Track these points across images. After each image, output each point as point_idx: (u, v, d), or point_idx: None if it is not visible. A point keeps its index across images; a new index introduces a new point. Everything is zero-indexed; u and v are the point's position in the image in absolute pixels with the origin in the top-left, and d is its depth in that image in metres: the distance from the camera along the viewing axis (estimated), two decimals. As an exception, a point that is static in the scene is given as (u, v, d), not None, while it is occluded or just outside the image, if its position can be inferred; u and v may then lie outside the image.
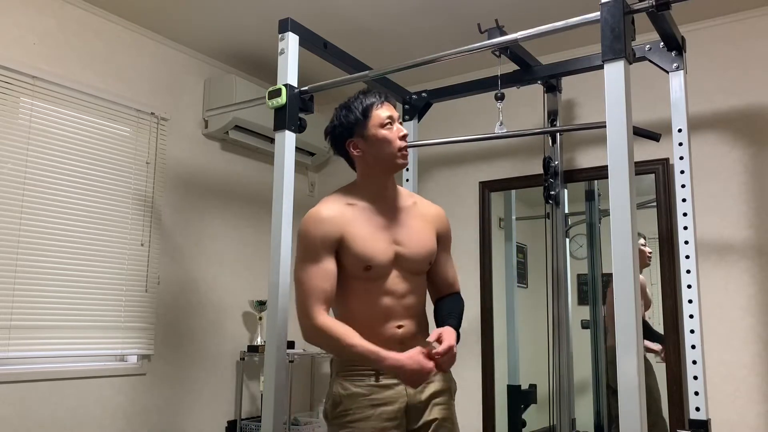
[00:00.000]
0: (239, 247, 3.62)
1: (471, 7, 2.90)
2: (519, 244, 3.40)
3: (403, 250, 1.81)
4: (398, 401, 1.75)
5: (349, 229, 1.76)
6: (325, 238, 1.74)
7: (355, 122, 1.82)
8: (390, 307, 1.79)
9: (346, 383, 1.77)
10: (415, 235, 1.85)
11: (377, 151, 1.81)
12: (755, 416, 2.65)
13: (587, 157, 3.17)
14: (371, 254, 1.76)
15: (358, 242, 1.75)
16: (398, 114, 1.86)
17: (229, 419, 3.43)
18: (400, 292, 1.80)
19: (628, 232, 1.55)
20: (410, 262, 1.83)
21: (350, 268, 1.77)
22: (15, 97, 2.66)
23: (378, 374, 1.75)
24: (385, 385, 1.75)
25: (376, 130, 1.80)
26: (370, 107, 1.82)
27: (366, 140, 1.82)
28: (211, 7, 2.97)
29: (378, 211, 1.83)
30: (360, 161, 1.86)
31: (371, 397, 1.74)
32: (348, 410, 1.74)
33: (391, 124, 1.82)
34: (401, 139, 1.81)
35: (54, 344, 2.72)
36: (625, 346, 1.51)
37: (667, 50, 2.32)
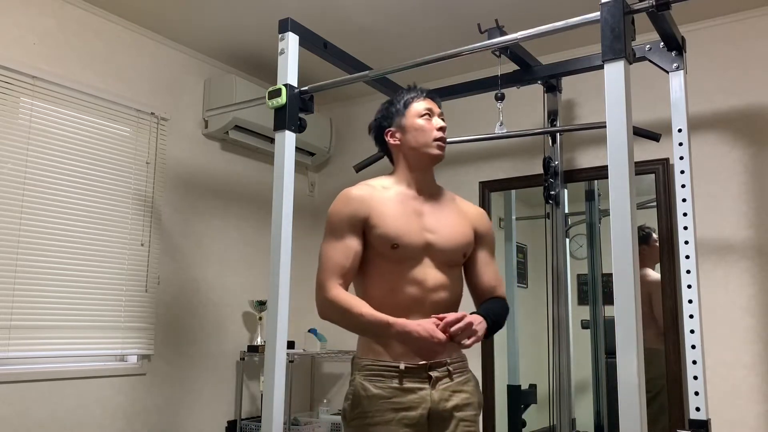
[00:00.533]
0: (239, 247, 3.62)
1: (471, 7, 2.90)
2: (519, 244, 3.40)
3: (435, 238, 1.78)
4: (421, 407, 1.68)
5: (378, 208, 1.76)
6: (351, 217, 1.74)
7: (395, 113, 1.88)
8: (415, 297, 1.73)
9: (368, 384, 1.71)
10: (449, 225, 1.83)
11: (412, 140, 1.83)
12: (755, 416, 2.65)
13: (587, 157, 3.17)
14: (399, 233, 1.74)
15: (387, 220, 1.74)
16: (440, 111, 1.89)
17: (229, 419, 3.43)
18: (429, 284, 1.75)
19: (628, 232, 1.55)
20: (442, 251, 1.79)
21: (377, 246, 1.74)
22: (15, 97, 2.66)
23: (401, 376, 1.69)
24: (408, 389, 1.69)
25: (413, 119, 1.84)
26: (411, 99, 1.88)
27: (403, 129, 1.85)
28: (211, 7, 2.97)
29: (412, 198, 1.83)
30: (397, 150, 1.88)
31: (393, 400, 1.68)
32: (367, 412, 1.69)
33: (429, 116, 1.85)
34: (438, 130, 1.83)
35: (54, 344, 2.72)
36: (625, 346, 1.51)
37: (667, 50, 2.32)
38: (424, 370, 1.71)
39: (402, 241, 1.73)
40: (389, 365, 1.70)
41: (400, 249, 1.73)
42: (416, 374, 1.70)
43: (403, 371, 1.69)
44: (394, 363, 1.70)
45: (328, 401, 3.78)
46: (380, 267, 1.76)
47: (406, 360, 1.70)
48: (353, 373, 1.78)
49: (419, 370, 1.70)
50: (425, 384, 1.70)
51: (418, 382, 1.70)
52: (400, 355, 1.70)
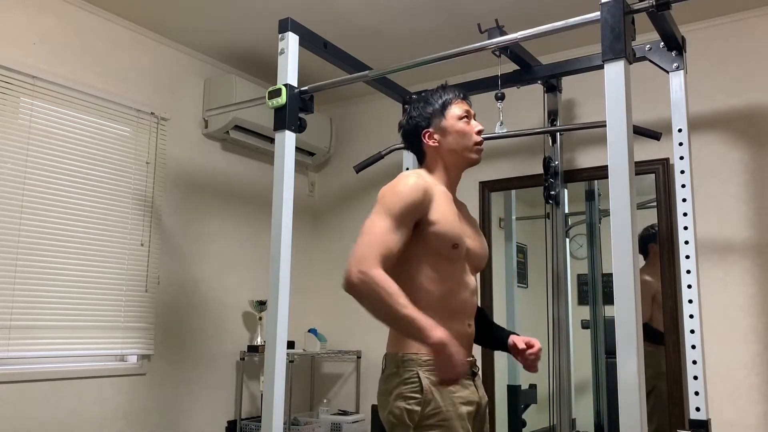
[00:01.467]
0: (239, 247, 3.62)
1: (471, 7, 2.90)
2: (519, 244, 3.40)
3: (473, 245, 1.79)
4: (474, 402, 1.69)
5: (438, 204, 1.71)
6: (416, 206, 1.67)
7: (432, 114, 1.83)
8: (466, 301, 1.74)
9: (434, 378, 1.62)
10: (478, 234, 1.86)
11: (453, 143, 1.81)
12: (755, 416, 2.65)
13: (587, 157, 3.17)
14: (460, 232, 1.73)
15: (448, 219, 1.71)
16: (474, 112, 1.88)
17: (229, 419, 3.43)
18: (471, 288, 1.77)
19: (628, 232, 1.55)
20: (477, 257, 1.81)
21: (437, 244, 1.69)
22: (15, 97, 2.66)
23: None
24: (465, 384, 1.68)
25: (454, 122, 1.81)
26: (450, 101, 1.84)
27: (442, 132, 1.82)
28: (211, 7, 2.97)
29: (452, 201, 1.81)
30: (434, 152, 1.84)
31: (458, 394, 1.65)
32: (440, 408, 1.61)
33: (468, 118, 1.83)
34: (477, 134, 1.83)
35: (54, 344, 2.72)
36: (625, 346, 1.51)
37: (667, 50, 2.32)
38: (470, 367, 1.74)
39: (461, 241, 1.72)
40: None
41: (459, 250, 1.71)
42: (468, 371, 1.70)
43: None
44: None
45: (328, 401, 3.78)
46: (435, 266, 1.71)
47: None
48: (407, 371, 1.66)
49: (469, 367, 1.73)
50: (471, 380, 1.73)
51: (469, 378, 1.72)
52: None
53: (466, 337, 1.75)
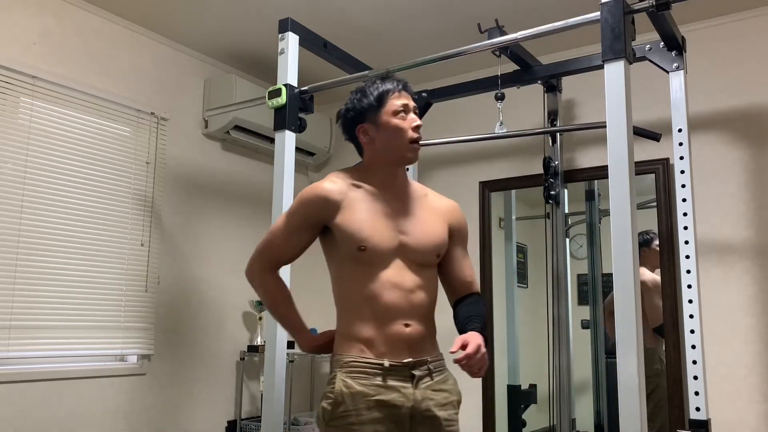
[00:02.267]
0: (239, 247, 3.62)
1: (471, 7, 2.90)
2: (519, 244, 3.40)
3: (409, 240, 1.72)
4: (404, 405, 1.63)
5: (347, 207, 1.69)
6: (314, 215, 1.70)
7: (368, 107, 1.75)
8: (396, 302, 1.67)
9: (350, 380, 1.63)
10: (422, 224, 1.76)
11: (387, 140, 1.74)
12: (755, 416, 2.65)
13: (587, 157, 3.17)
14: (366, 234, 1.67)
15: (354, 221, 1.68)
16: (415, 105, 1.79)
17: (229, 419, 3.43)
18: (407, 286, 1.69)
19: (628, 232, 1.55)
20: (416, 252, 1.72)
21: (344, 247, 1.68)
22: (15, 97, 2.66)
23: (385, 374, 1.64)
24: (392, 387, 1.63)
25: (389, 117, 1.73)
26: (386, 94, 1.74)
27: (377, 127, 1.74)
28: (211, 7, 2.97)
29: (384, 198, 1.74)
30: (369, 148, 1.78)
31: (377, 398, 1.62)
32: (350, 411, 1.61)
33: (405, 113, 1.74)
34: (414, 130, 1.74)
35: (54, 344, 2.72)
36: (625, 346, 1.51)
37: (667, 50, 2.32)
38: (407, 369, 1.67)
39: (369, 244, 1.66)
40: (373, 362, 1.65)
41: (367, 251, 1.67)
42: (400, 372, 1.65)
43: (387, 369, 1.64)
44: (378, 360, 1.65)
45: (328, 401, 3.77)
46: (353, 272, 1.70)
47: (390, 358, 1.65)
48: (333, 371, 1.70)
49: (403, 368, 1.66)
50: (408, 383, 1.66)
51: (402, 381, 1.65)
52: (384, 353, 1.65)
53: (404, 338, 1.67)
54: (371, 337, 1.66)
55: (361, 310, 1.67)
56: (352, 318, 1.69)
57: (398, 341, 1.66)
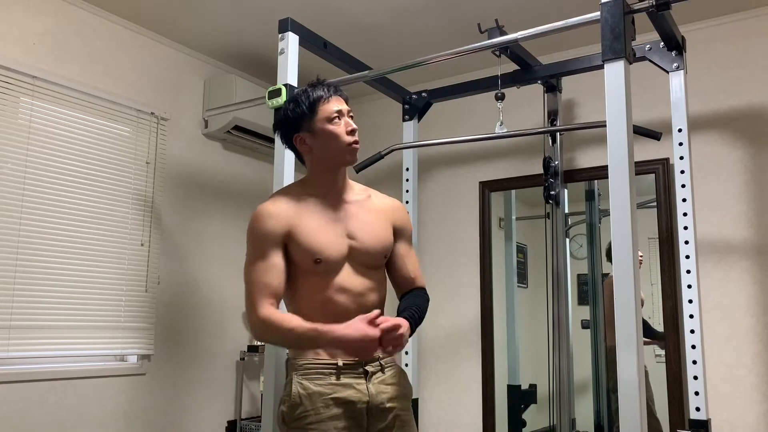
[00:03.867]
0: (239, 247, 3.61)
1: (471, 7, 2.90)
2: (519, 244, 3.40)
3: (356, 243, 1.77)
4: (360, 401, 1.70)
5: (297, 222, 1.72)
6: (271, 234, 1.71)
7: (301, 116, 1.77)
8: (346, 305, 1.73)
9: (306, 382, 1.69)
10: (368, 227, 1.80)
11: (324, 147, 1.77)
12: (755, 416, 2.65)
13: (587, 157, 3.17)
14: (320, 247, 1.71)
15: (307, 235, 1.71)
16: (348, 108, 1.81)
17: (229, 419, 3.43)
18: (356, 290, 1.75)
19: (628, 232, 1.55)
20: (364, 255, 1.78)
21: (300, 262, 1.72)
22: (15, 97, 2.66)
23: (339, 372, 1.69)
24: (346, 384, 1.69)
25: (323, 124, 1.76)
26: (317, 101, 1.77)
27: (313, 135, 1.77)
28: (211, 7, 2.97)
29: (329, 205, 1.79)
30: (308, 156, 1.82)
31: (333, 396, 1.67)
32: (309, 411, 1.66)
33: (339, 118, 1.76)
34: (349, 134, 1.76)
35: (54, 344, 2.72)
36: (625, 346, 1.51)
37: (667, 50, 2.32)
38: (360, 366, 1.73)
39: (324, 255, 1.71)
40: (327, 363, 1.70)
41: (322, 263, 1.72)
42: (353, 369, 1.72)
43: (341, 367, 1.70)
44: (331, 360, 1.70)
45: (328, 401, 3.78)
46: (307, 281, 1.74)
47: (343, 357, 1.71)
48: (288, 374, 1.76)
49: (356, 365, 1.72)
50: (361, 379, 1.72)
51: (355, 377, 1.71)
52: (337, 353, 1.70)
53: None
54: None
55: (314, 315, 1.69)
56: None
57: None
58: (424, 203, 3.61)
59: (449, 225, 3.55)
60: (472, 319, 3.37)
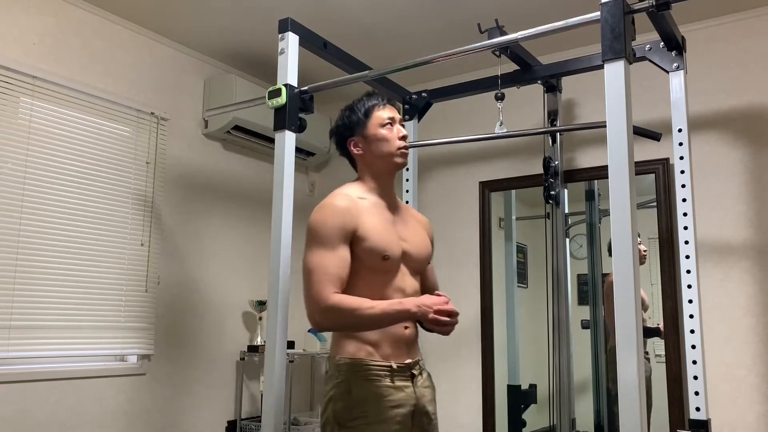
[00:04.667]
0: (239, 247, 3.62)
1: (471, 7, 2.90)
2: (519, 244, 3.40)
3: (409, 247, 1.85)
4: (408, 404, 1.75)
5: (364, 220, 1.77)
6: (342, 228, 1.74)
7: (356, 122, 1.89)
8: None
9: (364, 382, 1.72)
10: (417, 234, 1.91)
11: (376, 150, 1.87)
12: (755, 416, 2.65)
13: (587, 157, 3.17)
14: (387, 244, 1.78)
15: (374, 233, 1.77)
16: (400, 117, 1.93)
17: (229, 419, 3.43)
18: (408, 291, 1.82)
19: (628, 232, 1.55)
20: (414, 260, 1.87)
21: (367, 259, 1.76)
22: (15, 97, 2.66)
23: (393, 375, 1.74)
24: (398, 387, 1.74)
25: (376, 129, 1.87)
26: (372, 108, 1.89)
27: (366, 139, 1.88)
28: (211, 7, 2.97)
29: (383, 208, 1.87)
30: (360, 160, 1.92)
31: (390, 398, 1.72)
32: (367, 412, 1.70)
33: (391, 124, 1.88)
34: (401, 140, 1.87)
35: (54, 344, 2.72)
36: (625, 346, 1.51)
37: (667, 50, 2.32)
38: (408, 369, 1.78)
39: (390, 252, 1.78)
40: (382, 365, 1.74)
41: (389, 260, 1.78)
42: (403, 373, 1.77)
43: (395, 370, 1.74)
44: (386, 363, 1.74)
45: (328, 401, 3.77)
46: (368, 279, 1.77)
47: (394, 359, 1.76)
48: (341, 374, 1.76)
49: (405, 368, 1.77)
50: (409, 382, 1.78)
51: (405, 381, 1.76)
52: (389, 355, 1.76)
53: (404, 340, 1.79)
54: (378, 339, 1.75)
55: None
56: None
57: (400, 342, 1.78)
58: (424, 203, 3.61)
59: (449, 225, 3.55)
60: (472, 319, 3.37)
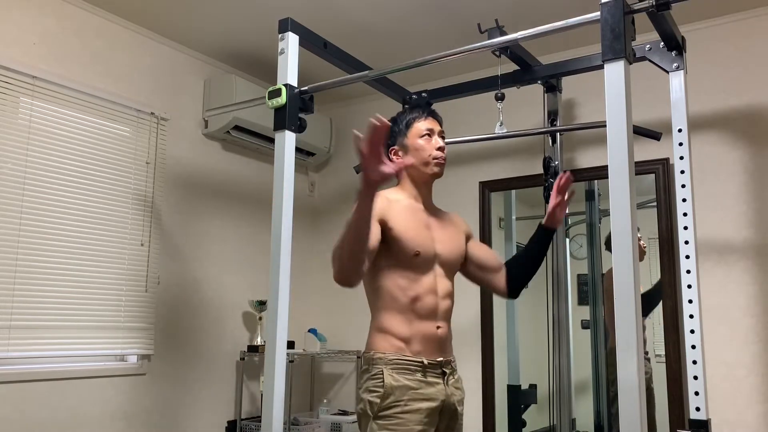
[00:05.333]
0: (239, 247, 3.62)
1: (471, 7, 2.90)
2: (519, 244, 3.40)
3: (443, 248, 1.95)
4: (438, 399, 1.84)
5: (395, 217, 1.86)
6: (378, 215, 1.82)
7: (398, 132, 2.02)
8: (433, 305, 1.89)
9: (398, 375, 1.81)
10: (450, 235, 2.01)
11: (412, 159, 1.97)
12: (755, 416, 2.65)
13: (587, 157, 3.17)
14: (420, 241, 1.88)
15: (407, 230, 1.87)
16: (440, 129, 2.03)
17: (229, 419, 3.43)
18: (441, 292, 1.92)
19: (628, 232, 1.55)
20: (448, 260, 1.96)
21: (400, 254, 1.86)
22: (15, 97, 2.66)
23: (425, 370, 1.83)
24: (430, 382, 1.84)
25: (414, 140, 1.98)
26: (413, 120, 2.01)
27: (405, 148, 2.00)
28: (211, 7, 2.97)
29: (419, 210, 1.97)
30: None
31: (420, 391, 1.81)
32: (399, 401, 1.79)
33: (429, 135, 1.98)
34: (437, 151, 1.97)
35: (54, 344, 2.72)
36: (625, 346, 1.51)
37: (667, 50, 2.32)
38: (440, 366, 1.88)
39: (422, 249, 1.88)
40: (414, 360, 1.84)
41: (420, 257, 1.87)
42: (434, 369, 1.86)
43: (426, 365, 1.84)
44: (417, 358, 1.84)
45: (328, 401, 3.78)
46: (400, 274, 1.87)
47: (425, 356, 1.85)
48: (375, 367, 1.85)
49: (436, 366, 1.87)
50: (440, 379, 1.87)
51: (436, 377, 1.86)
52: (420, 352, 1.85)
53: (435, 338, 1.89)
54: (409, 336, 1.85)
55: (403, 311, 1.87)
56: (392, 318, 1.87)
57: (431, 341, 1.88)
58: (424, 203, 3.61)
59: (449, 225, 3.54)
60: (472, 319, 3.37)
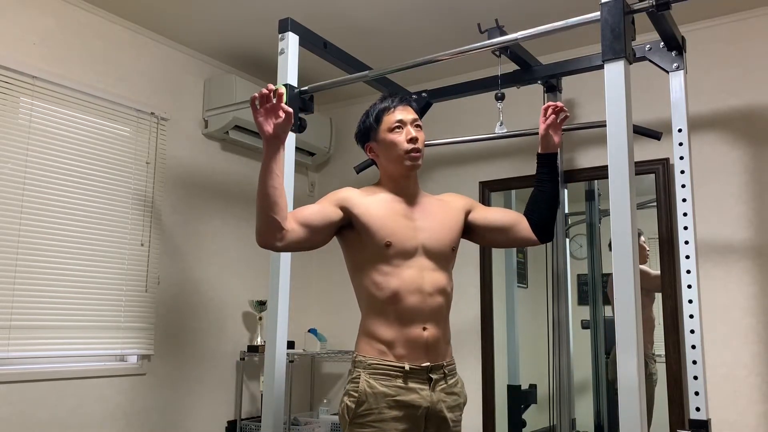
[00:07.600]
0: (239, 247, 3.62)
1: (471, 7, 2.90)
2: (519, 244, 3.40)
3: (428, 237, 1.84)
4: (421, 406, 1.75)
5: (362, 205, 1.81)
6: (336, 199, 1.81)
7: (369, 127, 1.93)
8: (416, 304, 1.78)
9: (373, 381, 1.75)
10: (441, 221, 1.89)
11: (387, 154, 1.89)
12: (755, 416, 2.65)
13: (587, 157, 3.17)
14: (390, 230, 1.79)
15: (377, 218, 1.80)
16: (414, 116, 1.91)
17: (229, 419, 3.43)
18: (428, 288, 1.80)
19: (628, 232, 1.55)
20: (437, 250, 1.84)
21: (371, 245, 1.79)
22: (15, 97, 2.66)
23: (406, 376, 1.75)
24: (411, 388, 1.75)
25: (385, 134, 1.88)
26: (382, 112, 1.91)
27: (378, 144, 1.91)
28: (211, 7, 2.97)
29: (398, 202, 1.88)
30: (378, 163, 1.96)
31: (397, 398, 1.73)
32: (373, 409, 1.73)
33: (401, 127, 1.87)
34: (410, 142, 1.86)
35: (54, 344, 2.72)
36: (625, 346, 1.51)
37: (667, 50, 2.32)
38: (425, 372, 1.77)
39: (394, 239, 1.79)
40: (395, 365, 1.75)
41: (393, 247, 1.78)
42: (418, 375, 1.76)
43: (408, 371, 1.75)
44: (399, 364, 1.75)
45: (328, 401, 3.78)
46: (376, 270, 1.80)
47: (409, 361, 1.76)
48: (355, 371, 1.80)
49: (421, 371, 1.77)
50: (426, 385, 1.77)
51: (420, 383, 1.76)
52: (404, 356, 1.76)
53: (421, 342, 1.77)
54: (391, 339, 1.77)
55: (383, 311, 1.78)
56: (374, 319, 1.80)
57: (416, 344, 1.77)
58: (424, 203, 3.61)
59: (449, 225, 3.54)
60: (472, 319, 3.37)
